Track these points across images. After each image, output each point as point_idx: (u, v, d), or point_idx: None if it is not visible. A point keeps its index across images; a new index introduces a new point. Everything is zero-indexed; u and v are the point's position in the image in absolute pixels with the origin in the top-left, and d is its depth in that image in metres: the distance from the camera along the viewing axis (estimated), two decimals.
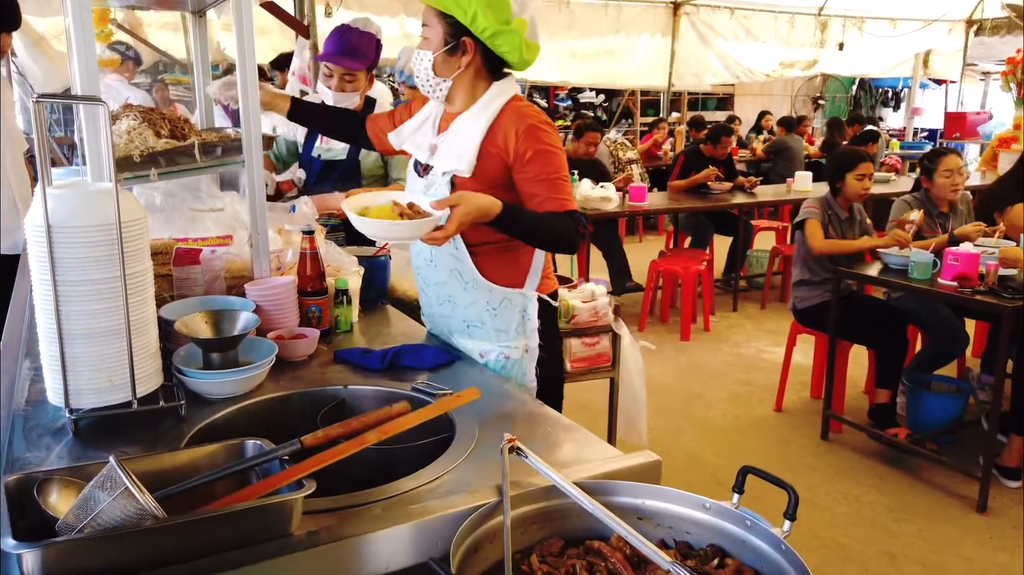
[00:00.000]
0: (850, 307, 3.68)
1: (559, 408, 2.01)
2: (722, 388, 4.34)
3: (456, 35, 1.71)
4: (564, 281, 2.67)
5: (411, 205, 1.62)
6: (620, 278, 5.65)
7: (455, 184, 1.76)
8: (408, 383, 1.64)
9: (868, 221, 3.97)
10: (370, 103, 2.88)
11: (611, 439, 2.66)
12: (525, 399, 1.57)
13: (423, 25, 1.76)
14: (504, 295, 1.82)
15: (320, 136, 2.89)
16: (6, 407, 1.42)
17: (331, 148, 2.84)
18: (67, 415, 1.37)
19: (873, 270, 3.57)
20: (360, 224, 1.58)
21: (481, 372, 1.75)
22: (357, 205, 1.64)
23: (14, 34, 5.50)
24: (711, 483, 3.22)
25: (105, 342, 1.36)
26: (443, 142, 1.81)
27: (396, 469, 1.40)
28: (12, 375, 1.56)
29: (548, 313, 1.90)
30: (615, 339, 2.49)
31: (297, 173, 3.02)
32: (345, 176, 2.82)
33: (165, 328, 1.67)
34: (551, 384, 1.92)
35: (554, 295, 1.91)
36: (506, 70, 1.81)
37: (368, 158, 2.84)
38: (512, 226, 1.68)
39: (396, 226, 1.56)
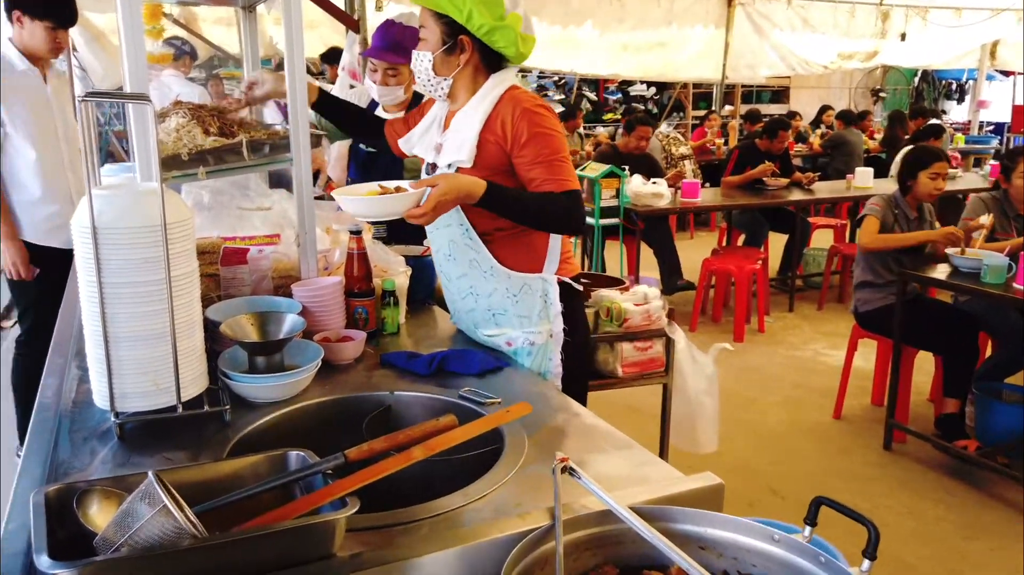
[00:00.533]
0: (916, 311, 3.52)
1: (584, 398, 1.94)
2: (777, 392, 4.20)
3: (453, 34, 1.72)
4: (614, 282, 2.58)
5: (397, 188, 1.70)
6: (672, 276, 5.52)
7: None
8: (455, 390, 1.59)
9: (937, 224, 3.79)
10: (417, 97, 2.85)
11: (663, 448, 2.57)
12: (578, 411, 1.50)
13: (420, 27, 1.78)
14: (523, 281, 1.81)
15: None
16: (53, 408, 1.41)
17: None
18: (112, 419, 1.35)
19: (941, 273, 3.40)
20: (344, 203, 1.67)
21: (531, 381, 1.69)
22: (347, 190, 1.80)
23: (75, 30, 5.64)
24: (765, 493, 3.11)
25: (150, 345, 1.34)
26: (447, 139, 1.83)
27: (440, 481, 1.35)
28: (61, 375, 1.56)
29: (572, 297, 1.87)
30: (669, 344, 2.40)
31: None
32: (387, 168, 2.79)
33: (212, 329, 1.65)
34: (576, 371, 1.87)
35: (577, 278, 1.89)
36: (505, 64, 1.82)
37: None
38: (500, 206, 1.69)
39: (375, 201, 1.64)
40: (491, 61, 1.78)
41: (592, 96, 12.33)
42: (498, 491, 1.19)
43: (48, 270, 3.03)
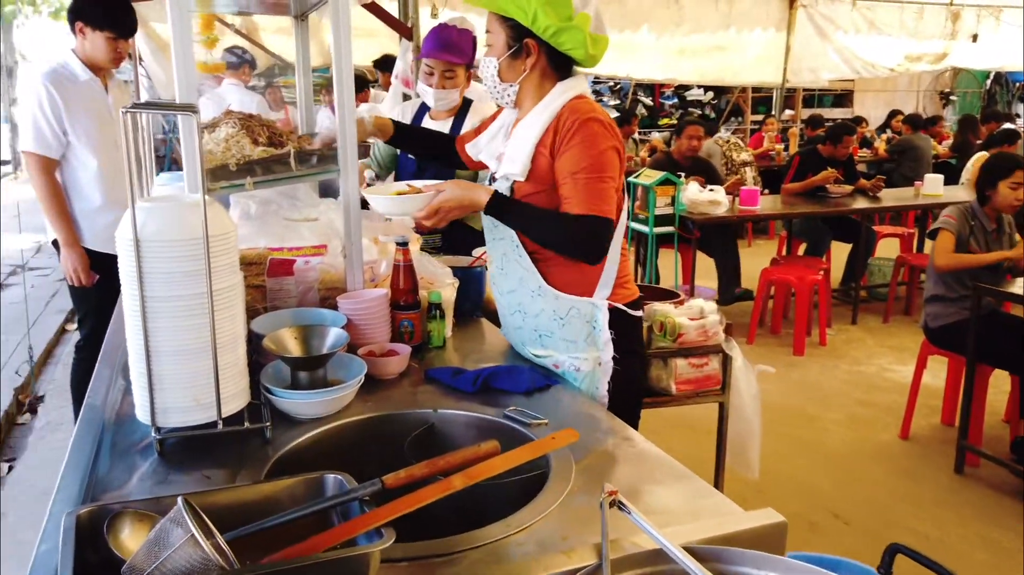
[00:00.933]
0: (991, 327, 3.32)
1: (636, 420, 1.87)
2: (839, 409, 4.03)
3: (518, 37, 1.67)
4: (669, 295, 2.49)
5: (416, 190, 1.77)
6: (730, 285, 5.37)
7: (513, 191, 1.72)
8: (500, 408, 1.54)
9: (1017, 236, 3.57)
10: (467, 103, 2.83)
11: (718, 468, 2.46)
12: (630, 436, 1.42)
13: (487, 32, 1.73)
14: (571, 304, 1.72)
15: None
16: (96, 421, 1.40)
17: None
18: (153, 434, 1.33)
19: (1019, 287, 3.20)
20: (368, 198, 1.77)
21: (581, 401, 1.62)
22: (376, 188, 1.95)
23: (141, 41, 5.80)
24: (828, 516, 2.97)
25: (192, 360, 1.31)
26: (507, 149, 1.77)
27: (480, 505, 1.29)
28: (107, 386, 1.55)
29: (628, 325, 1.78)
30: (726, 361, 2.30)
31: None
32: (438, 179, 2.76)
33: (257, 342, 1.63)
34: (625, 404, 1.76)
35: (634, 304, 1.80)
36: (576, 69, 1.74)
37: None
38: (506, 219, 1.68)
39: (387, 200, 1.74)
40: (559, 65, 1.71)
41: (648, 101, 12.18)
42: (542, 522, 1.13)
43: (107, 277, 3.09)
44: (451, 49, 2.64)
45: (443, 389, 1.65)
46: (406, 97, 4.14)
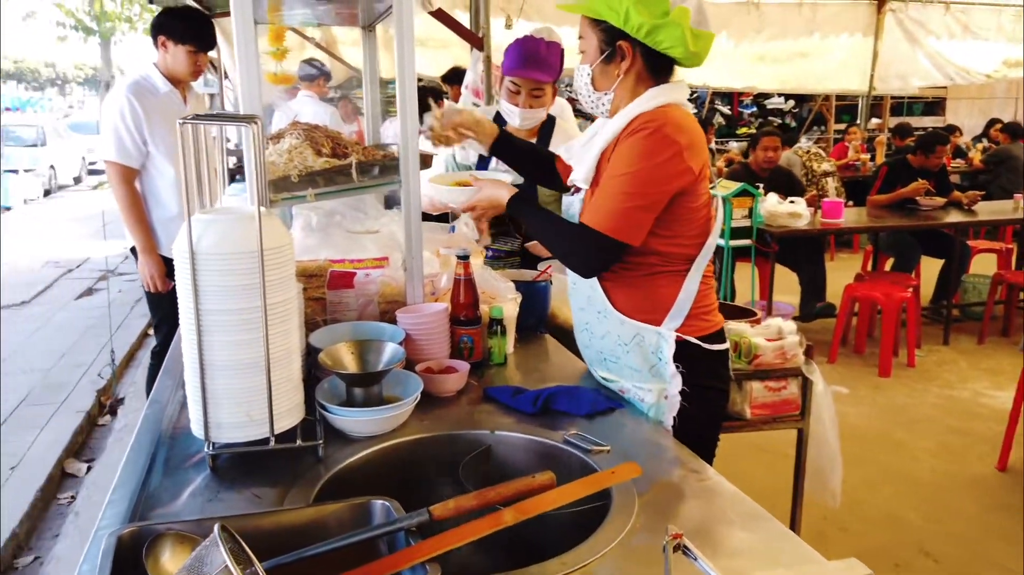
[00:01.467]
0: None
1: (710, 451, 1.73)
2: (930, 437, 3.77)
3: (611, 40, 1.55)
4: (745, 313, 2.36)
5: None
6: (813, 300, 5.12)
7: (585, 202, 1.61)
8: (561, 431, 1.46)
9: None
10: (550, 120, 2.62)
11: (796, 499, 2.32)
12: (699, 468, 1.33)
13: (579, 38, 1.62)
14: (636, 330, 1.60)
15: (494, 159, 2.69)
16: (152, 433, 1.39)
17: (509, 170, 2.61)
18: (206, 450, 1.31)
19: None
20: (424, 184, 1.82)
21: (647, 428, 1.52)
22: (439, 176, 2.06)
23: (227, 53, 5.99)
24: (915, 552, 2.76)
25: (245, 375, 1.29)
26: (582, 154, 1.67)
27: (533, 534, 1.22)
28: (166, 398, 1.55)
29: (706, 359, 1.61)
30: (805, 384, 2.16)
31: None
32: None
33: (314, 355, 1.60)
34: (700, 438, 1.59)
35: (712, 338, 1.63)
36: (678, 72, 1.61)
37: None
38: (522, 220, 1.77)
39: (437, 187, 1.85)
40: (658, 67, 1.57)
41: (725, 110, 11.90)
42: (601, 562, 1.05)
43: None
44: (539, 65, 2.41)
45: (502, 409, 1.59)
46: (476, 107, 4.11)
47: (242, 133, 1.42)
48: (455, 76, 5.62)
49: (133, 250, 3.16)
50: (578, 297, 1.72)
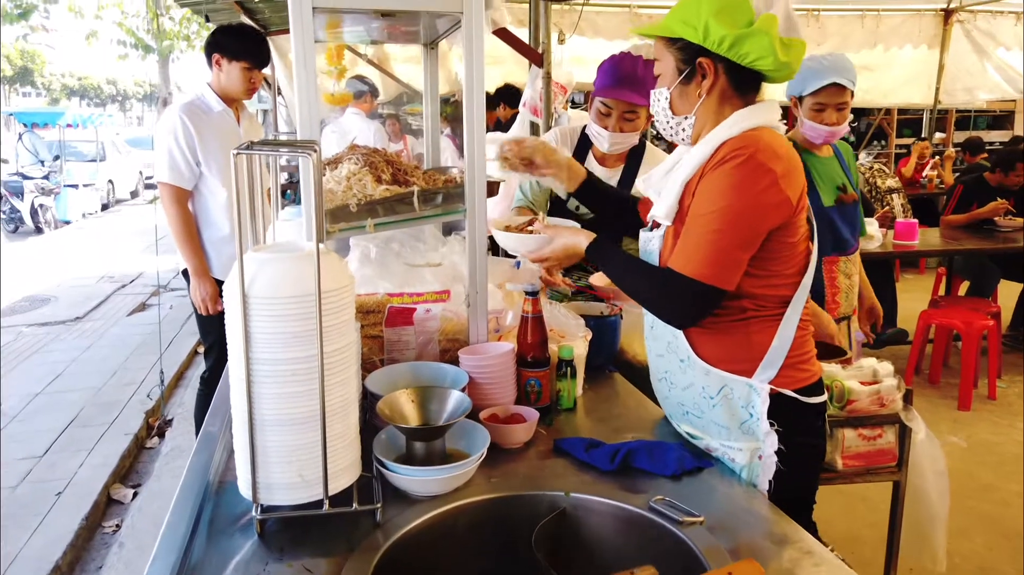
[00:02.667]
0: None
1: (806, 514, 1.55)
2: (1021, 479, 3.49)
3: (690, 58, 1.40)
4: (832, 351, 2.16)
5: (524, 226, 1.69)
6: (883, 327, 4.85)
7: (666, 238, 1.45)
8: (644, 495, 1.30)
9: None
10: (641, 145, 2.43)
11: (890, 560, 2.10)
12: (811, 547, 1.15)
13: (655, 60, 1.48)
14: (724, 381, 1.42)
15: None
16: (196, 490, 1.27)
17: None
18: (254, 513, 1.19)
19: None
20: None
21: (740, 492, 1.35)
22: (507, 218, 1.83)
23: (281, 72, 5.98)
24: None
25: (298, 431, 1.17)
26: (664, 186, 1.49)
27: None
28: (212, 448, 1.43)
29: (803, 413, 1.44)
30: (903, 432, 1.96)
31: None
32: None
33: (371, 400, 1.47)
34: (794, 503, 1.39)
35: (810, 390, 1.45)
36: (766, 90, 1.45)
37: None
38: (603, 267, 1.55)
39: (502, 233, 1.66)
40: (743, 84, 1.41)
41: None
42: None
43: None
44: (634, 86, 2.20)
45: (575, 464, 1.44)
46: (533, 127, 3.98)
47: (300, 163, 1.30)
48: (508, 94, 5.50)
49: (185, 272, 3.09)
50: (657, 342, 1.55)
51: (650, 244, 1.50)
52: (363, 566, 1.14)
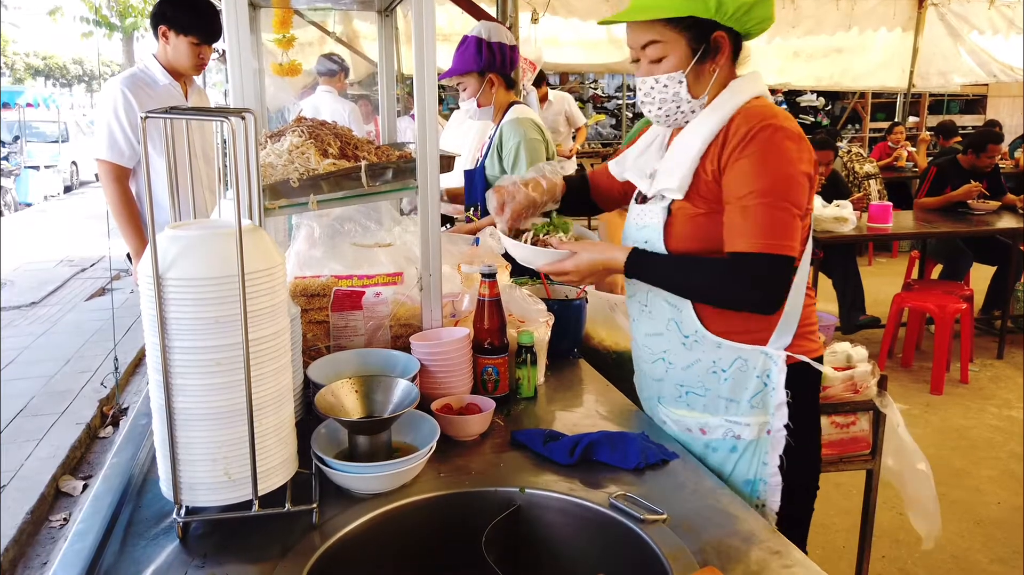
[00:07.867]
0: None
1: (806, 526, 1.49)
2: (992, 464, 3.46)
3: (703, 36, 1.34)
4: None
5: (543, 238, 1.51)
6: (853, 312, 4.84)
7: (671, 211, 1.37)
8: (604, 491, 1.21)
9: None
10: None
11: (863, 547, 2.04)
12: (779, 547, 1.07)
13: (643, 47, 1.37)
14: (738, 353, 1.37)
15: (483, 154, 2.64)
16: (116, 491, 1.16)
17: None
18: (175, 516, 1.08)
19: None
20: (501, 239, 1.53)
21: (708, 487, 1.26)
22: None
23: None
24: None
25: (224, 425, 1.06)
26: (663, 163, 1.42)
27: None
28: (138, 443, 1.32)
29: (806, 384, 1.41)
30: (877, 419, 1.89)
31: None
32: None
33: (313, 391, 1.36)
34: (799, 488, 1.43)
35: (819, 361, 1.43)
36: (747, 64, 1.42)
37: None
38: (649, 277, 1.40)
39: (516, 244, 1.48)
40: (738, 51, 1.40)
41: None
42: None
43: None
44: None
45: (533, 458, 1.34)
46: None
47: (223, 129, 1.18)
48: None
49: (129, 256, 2.94)
50: (653, 322, 1.46)
51: (644, 218, 1.43)
52: (295, 571, 1.03)
